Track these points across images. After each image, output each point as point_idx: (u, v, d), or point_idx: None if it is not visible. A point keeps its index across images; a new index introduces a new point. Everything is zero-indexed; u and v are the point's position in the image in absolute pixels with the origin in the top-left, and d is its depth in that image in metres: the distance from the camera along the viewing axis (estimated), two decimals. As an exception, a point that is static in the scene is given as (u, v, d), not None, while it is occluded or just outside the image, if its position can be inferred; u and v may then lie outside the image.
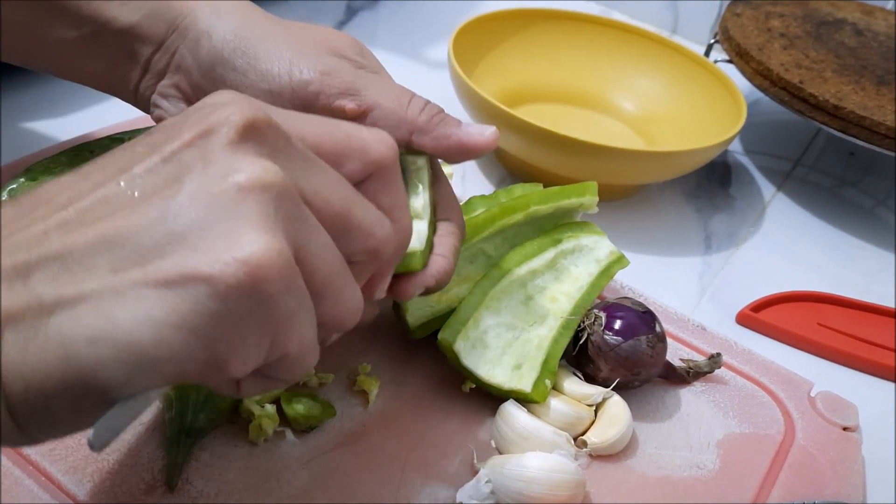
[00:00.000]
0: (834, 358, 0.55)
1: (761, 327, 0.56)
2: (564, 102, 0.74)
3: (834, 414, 0.47)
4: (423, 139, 0.38)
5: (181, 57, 0.40)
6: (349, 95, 0.37)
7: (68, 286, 0.23)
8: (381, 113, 0.37)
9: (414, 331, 0.44)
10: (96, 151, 0.49)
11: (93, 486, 0.36)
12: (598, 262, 0.48)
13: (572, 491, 0.38)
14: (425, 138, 0.38)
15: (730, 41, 0.72)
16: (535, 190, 0.48)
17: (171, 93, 0.41)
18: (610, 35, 0.75)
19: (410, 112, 0.38)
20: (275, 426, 0.40)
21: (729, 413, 0.46)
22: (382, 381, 0.44)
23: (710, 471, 0.43)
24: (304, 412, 0.40)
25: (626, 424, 0.42)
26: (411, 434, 0.42)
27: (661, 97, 0.73)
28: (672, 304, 0.53)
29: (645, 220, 0.65)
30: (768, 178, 0.74)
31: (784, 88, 0.66)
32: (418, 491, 0.39)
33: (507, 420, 0.41)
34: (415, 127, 0.38)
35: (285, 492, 0.38)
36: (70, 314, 0.23)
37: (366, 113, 0.37)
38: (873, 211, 0.72)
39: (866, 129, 0.63)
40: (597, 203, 0.49)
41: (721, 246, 0.64)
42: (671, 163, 0.60)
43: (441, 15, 0.90)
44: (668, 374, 0.47)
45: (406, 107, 0.38)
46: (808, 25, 0.75)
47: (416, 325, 0.44)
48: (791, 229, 0.68)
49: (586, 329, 0.45)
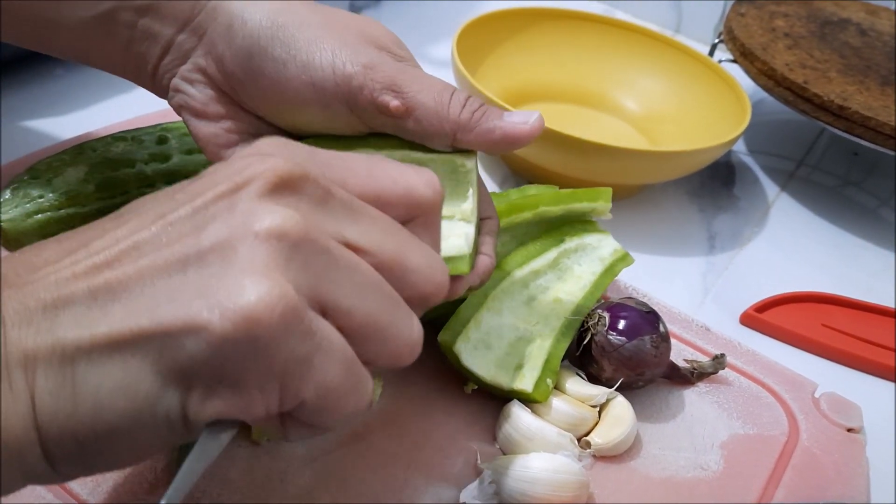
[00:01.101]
0: (838, 359, 0.55)
1: (765, 328, 0.56)
2: (568, 102, 0.74)
3: (838, 415, 0.47)
4: (467, 137, 0.37)
5: (211, 41, 0.38)
6: (393, 91, 0.36)
7: (89, 330, 0.24)
8: (424, 113, 0.36)
9: None
10: (99, 149, 0.49)
11: (96, 485, 0.36)
12: (602, 260, 0.48)
13: (576, 492, 0.38)
14: (469, 136, 0.37)
15: (734, 41, 0.72)
16: (547, 191, 0.48)
17: (196, 77, 0.39)
18: (613, 34, 0.75)
19: (452, 110, 0.37)
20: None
21: (733, 414, 0.46)
22: (386, 381, 0.44)
23: (714, 472, 0.43)
24: (307, 412, 0.40)
25: (630, 425, 0.42)
26: (415, 434, 0.42)
27: (664, 97, 0.73)
28: (675, 305, 0.53)
29: (648, 220, 0.65)
30: (772, 178, 0.74)
31: (788, 88, 0.66)
32: (422, 491, 0.39)
33: (510, 421, 0.41)
34: (457, 126, 0.37)
35: (288, 492, 0.38)
36: (93, 362, 0.24)
37: (409, 112, 0.36)
38: (877, 211, 0.72)
39: (871, 129, 0.62)
40: (610, 209, 0.49)
41: (725, 246, 0.64)
42: (675, 163, 0.60)
43: (444, 14, 0.89)
44: (672, 375, 0.47)
45: (447, 105, 0.36)
46: (813, 25, 0.75)
47: None
48: (795, 229, 0.68)
49: (590, 329, 0.45)
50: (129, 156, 0.49)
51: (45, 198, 0.46)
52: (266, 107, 0.38)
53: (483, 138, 0.37)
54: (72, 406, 0.24)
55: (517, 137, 0.37)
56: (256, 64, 0.37)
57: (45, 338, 0.24)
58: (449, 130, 0.37)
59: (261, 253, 0.24)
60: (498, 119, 0.37)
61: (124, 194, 0.48)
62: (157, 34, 0.39)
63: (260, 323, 0.23)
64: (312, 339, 0.25)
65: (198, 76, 0.39)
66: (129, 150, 0.50)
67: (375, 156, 0.30)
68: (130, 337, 0.24)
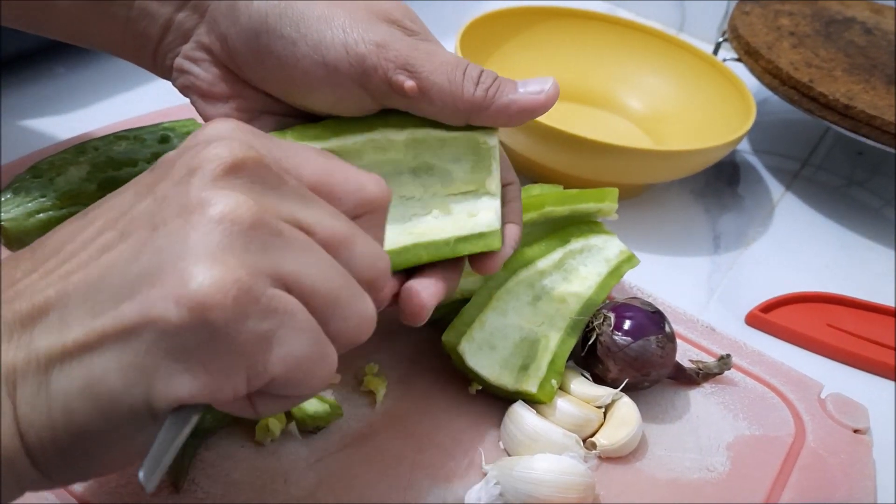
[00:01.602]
0: (843, 359, 0.54)
1: (770, 328, 0.55)
2: (572, 101, 0.74)
3: (844, 416, 0.47)
4: (483, 115, 0.37)
5: (214, 19, 0.37)
6: (406, 70, 0.35)
7: (59, 337, 0.24)
8: (438, 93, 0.36)
9: None
10: (101, 148, 0.49)
11: (98, 485, 0.36)
12: (608, 261, 0.47)
13: (582, 493, 0.38)
14: (485, 114, 0.37)
15: (739, 39, 0.72)
16: (553, 191, 0.48)
17: (200, 56, 0.38)
18: (617, 33, 0.75)
19: (466, 90, 0.36)
20: (282, 427, 0.40)
21: (739, 415, 0.46)
22: (390, 382, 0.44)
23: (721, 473, 0.43)
24: (311, 413, 0.40)
25: (635, 426, 0.42)
26: (419, 435, 0.41)
27: (669, 96, 0.73)
28: (680, 305, 0.53)
29: (653, 220, 0.64)
30: (777, 178, 0.73)
31: (793, 87, 0.66)
32: (426, 493, 0.39)
33: (515, 422, 0.41)
34: (472, 106, 0.36)
35: (292, 493, 0.37)
36: (63, 368, 0.24)
37: (424, 92, 0.36)
38: (881, 211, 0.72)
39: (876, 128, 0.62)
40: (616, 210, 0.49)
41: (730, 246, 0.64)
42: (679, 162, 0.60)
43: (448, 13, 0.89)
44: (678, 375, 0.47)
45: (461, 85, 0.36)
46: (818, 24, 0.75)
47: None
48: (799, 229, 0.67)
49: (595, 329, 0.44)
50: (131, 155, 0.49)
51: (46, 197, 0.46)
52: (275, 86, 0.37)
53: (499, 115, 0.37)
54: (46, 414, 0.24)
55: (534, 109, 0.37)
56: (264, 43, 0.36)
57: (23, 351, 0.24)
58: (464, 110, 0.36)
59: (215, 237, 0.24)
60: (513, 93, 0.37)
61: (126, 193, 0.48)
62: (156, 13, 0.38)
63: (214, 308, 0.23)
64: (274, 316, 0.25)
65: (202, 54, 0.38)
66: (132, 149, 0.49)
67: (328, 153, 0.30)
68: (96, 339, 0.24)
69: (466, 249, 0.38)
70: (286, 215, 0.26)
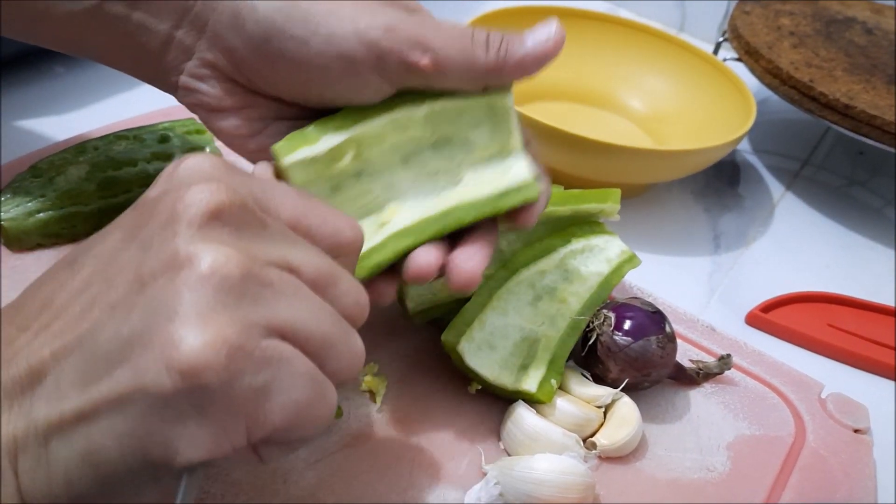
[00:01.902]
0: (844, 359, 0.54)
1: (771, 328, 0.55)
2: (572, 100, 0.73)
3: (845, 416, 0.47)
4: (500, 76, 0.37)
5: (216, 33, 0.37)
6: (419, 49, 0.35)
7: (56, 406, 0.24)
8: (453, 66, 0.36)
9: (413, 316, 0.44)
10: (101, 148, 0.49)
11: None
12: (609, 261, 0.47)
13: (582, 493, 0.38)
14: (501, 75, 0.37)
15: (739, 39, 0.72)
16: (555, 191, 0.48)
17: (205, 73, 0.38)
18: (617, 33, 0.75)
19: (479, 57, 0.36)
20: (281, 426, 0.40)
21: (739, 415, 0.46)
22: (390, 382, 0.44)
23: (721, 473, 0.42)
24: (310, 412, 0.40)
25: (635, 426, 0.42)
26: (419, 435, 0.41)
27: (669, 95, 0.73)
28: (681, 305, 0.53)
29: (653, 220, 0.64)
30: (777, 178, 0.73)
31: (794, 87, 0.66)
32: (426, 492, 0.39)
33: (515, 421, 0.41)
34: (488, 70, 0.37)
35: (292, 493, 0.37)
36: (61, 438, 0.24)
37: (439, 67, 0.36)
38: (882, 211, 0.72)
39: (877, 128, 0.62)
40: (618, 211, 0.49)
41: (730, 246, 0.64)
42: (680, 162, 0.60)
43: (448, 13, 0.89)
44: (678, 376, 0.47)
45: (473, 52, 0.36)
46: (818, 24, 0.75)
47: (415, 311, 0.44)
48: (800, 229, 0.67)
49: (595, 329, 0.44)
50: (131, 154, 0.49)
51: (46, 196, 0.46)
52: (289, 88, 0.37)
53: (515, 72, 0.37)
54: (46, 483, 0.24)
55: (547, 55, 0.38)
56: (275, 47, 0.36)
57: (23, 420, 0.24)
58: (481, 76, 0.37)
59: (204, 295, 0.24)
60: (522, 47, 0.37)
61: (126, 193, 0.48)
62: (154, 28, 0.38)
63: (206, 370, 0.23)
64: (269, 367, 0.25)
65: (206, 71, 0.38)
66: (131, 149, 0.49)
67: (306, 193, 0.31)
68: (91, 409, 0.24)
69: (507, 204, 0.38)
70: (273, 258, 0.26)
